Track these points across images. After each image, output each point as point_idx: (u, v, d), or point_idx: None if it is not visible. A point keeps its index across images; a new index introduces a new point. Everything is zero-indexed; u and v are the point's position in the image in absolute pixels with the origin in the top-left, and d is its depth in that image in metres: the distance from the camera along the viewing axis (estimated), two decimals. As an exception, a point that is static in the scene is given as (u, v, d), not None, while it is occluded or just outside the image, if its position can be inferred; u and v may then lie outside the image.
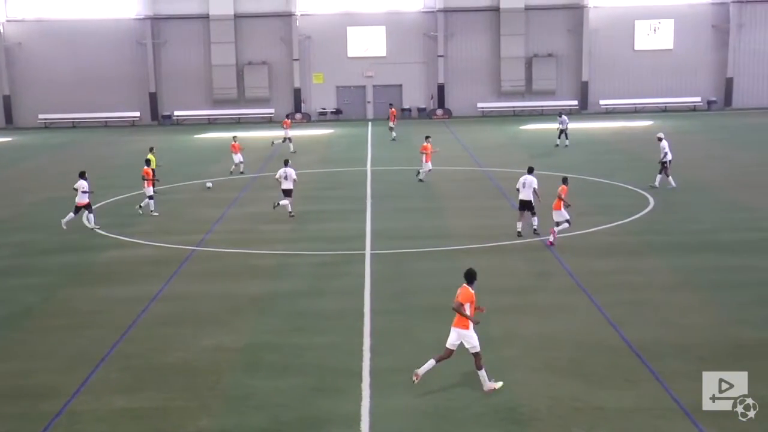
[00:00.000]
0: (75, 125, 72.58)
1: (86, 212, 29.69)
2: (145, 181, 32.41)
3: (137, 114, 72.95)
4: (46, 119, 72.90)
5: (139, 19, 72.07)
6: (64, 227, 29.47)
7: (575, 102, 72.70)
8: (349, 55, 72.76)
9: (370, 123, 69.38)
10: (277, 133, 57.51)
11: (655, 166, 36.35)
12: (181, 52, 72.38)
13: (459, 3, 72.19)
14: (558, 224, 25.80)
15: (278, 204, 31.10)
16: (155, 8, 72.22)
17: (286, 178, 30.84)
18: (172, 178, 40.72)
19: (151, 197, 32.18)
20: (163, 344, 17.61)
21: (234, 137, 43.32)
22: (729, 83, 72.58)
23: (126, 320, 19.19)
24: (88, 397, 15.14)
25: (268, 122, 71.68)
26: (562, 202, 25.81)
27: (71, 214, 29.69)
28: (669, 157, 35.66)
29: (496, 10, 71.96)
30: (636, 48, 72.95)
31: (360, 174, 40.89)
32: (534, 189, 27.12)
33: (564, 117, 51.34)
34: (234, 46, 71.62)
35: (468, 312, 15.15)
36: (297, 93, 72.68)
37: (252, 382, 15.57)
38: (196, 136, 63.05)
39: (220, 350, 17.14)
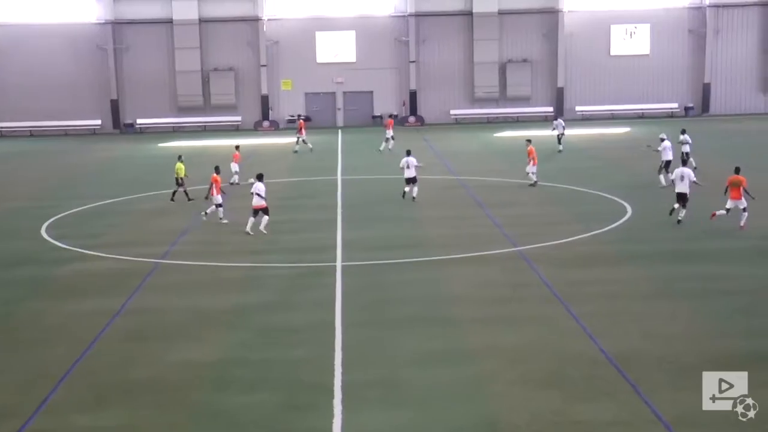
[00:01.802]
0: (32, 134, 72.05)
1: None
2: (213, 188, 31.83)
3: (98, 122, 72.58)
4: (0, 128, 72.32)
5: (100, 23, 71.78)
6: None
7: (550, 108, 73.22)
8: (318, 60, 72.88)
9: (340, 131, 69.45)
10: (247, 141, 57.50)
11: (635, 172, 36.61)
12: (143, 58, 72.15)
13: (430, 7, 72.54)
14: (744, 210, 28.21)
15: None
16: (117, 12, 71.95)
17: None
18: (136, 188, 40.50)
19: (219, 205, 31.68)
20: (129, 360, 17.49)
21: (237, 147, 43.00)
22: (706, 89, 73.45)
23: (89, 335, 19.05)
24: (49, 416, 14.99)
25: (234, 130, 71.55)
26: (742, 190, 28.32)
27: None
28: (669, 157, 36.69)
29: (468, 14, 72.38)
30: (612, 53, 73.68)
31: (331, 183, 40.91)
32: (692, 180, 29.61)
33: (559, 121, 51.72)
34: (199, 51, 71.51)
35: None
36: (264, 100, 72.65)
37: (221, 398, 15.51)
38: (160, 144, 62.81)
39: (188, 366, 17.06)
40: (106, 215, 34.58)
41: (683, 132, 41.81)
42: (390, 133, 54.52)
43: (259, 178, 30.32)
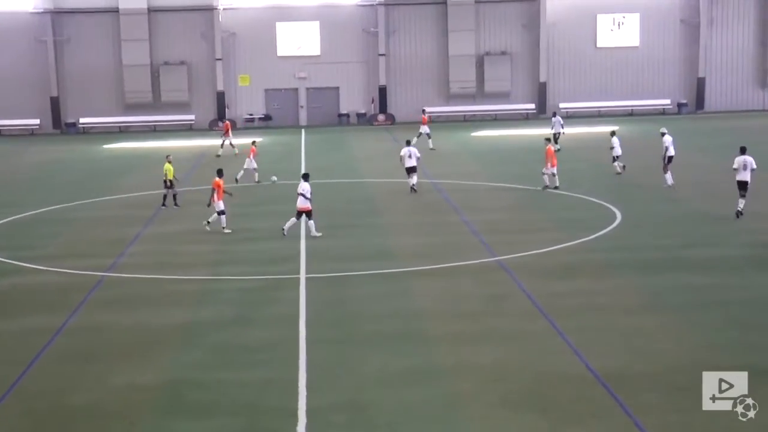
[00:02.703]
0: (-37, 134, 71.50)
1: None
2: (215, 194, 31.51)
3: (37, 121, 72.10)
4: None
5: (38, 13, 71.30)
6: None
7: (532, 105, 73.59)
8: (279, 54, 72.83)
9: (303, 130, 69.40)
10: (214, 143, 57.38)
11: (626, 174, 36.83)
12: (87, 51, 71.77)
13: (402, -5, 72.81)
14: None
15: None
16: (56, 1, 71.54)
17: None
18: (79, 194, 40.31)
19: (222, 212, 31.42)
20: (70, 383, 17.39)
21: (253, 142, 44.52)
22: (701, 84, 74.07)
23: (26, 356, 18.91)
24: (-16, 445, 14.90)
25: (188, 130, 71.32)
26: None
27: None
28: (671, 152, 37.58)
29: (443, 2, 72.66)
30: (598, 45, 74.18)
31: (293, 187, 40.84)
32: (753, 168, 30.83)
33: (558, 118, 51.99)
34: (148, 43, 71.22)
35: None
36: (220, 97, 72.47)
37: (172, 424, 15.45)
38: (105, 146, 62.50)
39: (135, 389, 16.98)
40: (46, 224, 34.36)
41: (612, 134, 43.37)
42: (426, 129, 55.03)
43: (305, 177, 30.58)
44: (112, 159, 55.40)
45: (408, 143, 40.00)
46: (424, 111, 59.72)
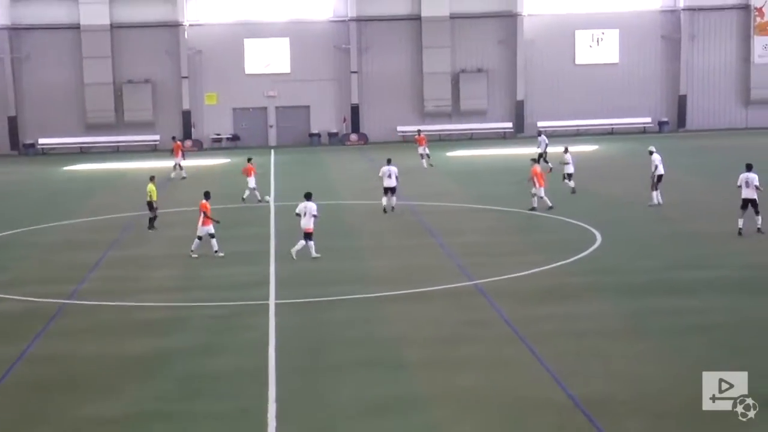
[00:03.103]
0: None
1: None
2: (203, 217, 31.27)
3: (-7, 142, 71.69)
4: None
5: (-5, 29, 71.02)
6: None
7: (509, 124, 73.95)
8: (248, 71, 72.90)
9: (273, 150, 69.38)
10: (166, 164, 57.20)
11: (606, 195, 37.02)
12: (46, 69, 71.54)
13: (374, 10, 73.03)
14: None
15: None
16: (15, 16, 71.32)
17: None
18: (39, 218, 40.11)
19: (212, 236, 31.19)
20: (29, 416, 17.27)
21: (249, 159, 44.84)
22: (682, 101, 74.68)
23: (-16, 388, 18.79)
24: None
25: (152, 150, 71.15)
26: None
27: None
28: (660, 171, 38.17)
29: (417, 18, 72.97)
30: (577, 62, 74.71)
31: (262, 210, 40.87)
32: (756, 186, 31.37)
33: (543, 137, 52.28)
34: (111, 61, 71.11)
35: None
36: (186, 116, 72.41)
37: (137, 457, 15.37)
38: (65, 168, 62.25)
39: (99, 422, 16.89)
40: (4, 249, 34.16)
41: (566, 150, 44.54)
42: (424, 149, 55.96)
43: (308, 197, 30.75)
44: (73, 181, 55.16)
45: (389, 162, 40.18)
46: (419, 132, 59.77)
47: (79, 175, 58.67)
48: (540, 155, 51.47)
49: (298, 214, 30.45)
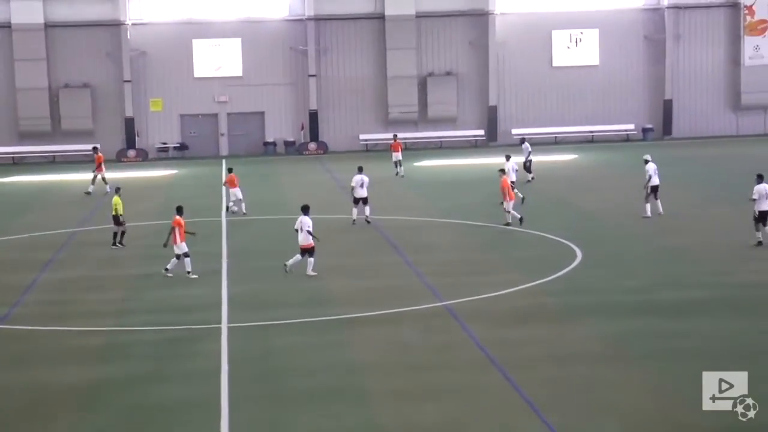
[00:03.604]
0: None
1: None
2: (175, 235, 30.90)
3: None
4: None
5: None
6: None
7: (481, 132, 74.07)
8: (196, 75, 72.61)
9: (224, 161, 69.13)
10: (122, 176, 56.84)
11: (586, 208, 37.18)
12: (-32, 71, 70.91)
13: (333, 9, 73.02)
14: None
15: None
16: (-61, 15, 70.68)
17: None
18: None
19: (186, 255, 30.89)
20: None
21: (230, 169, 45.27)
22: (668, 106, 75.08)
23: None
24: None
25: (92, 161, 70.47)
26: None
27: None
28: (655, 181, 38.76)
29: (380, 17, 73.03)
30: (554, 64, 74.93)
31: (213, 225, 40.73)
32: None
33: (526, 144, 52.36)
34: (45, 63, 70.59)
35: None
36: (129, 124, 72.00)
37: (75, 498, 15.24)
38: (-4, 180, 61.73)
39: (32, 458, 16.75)
40: (-72, 270, 33.85)
41: (508, 158, 44.95)
42: (398, 156, 56.49)
43: (305, 210, 30.86)
44: (3, 195, 54.69)
45: (360, 170, 40.59)
46: (395, 137, 59.82)
47: (10, 188, 58.17)
48: (525, 164, 51.61)
49: (296, 230, 30.63)
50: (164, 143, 72.63)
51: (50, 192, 52.88)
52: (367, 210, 39.54)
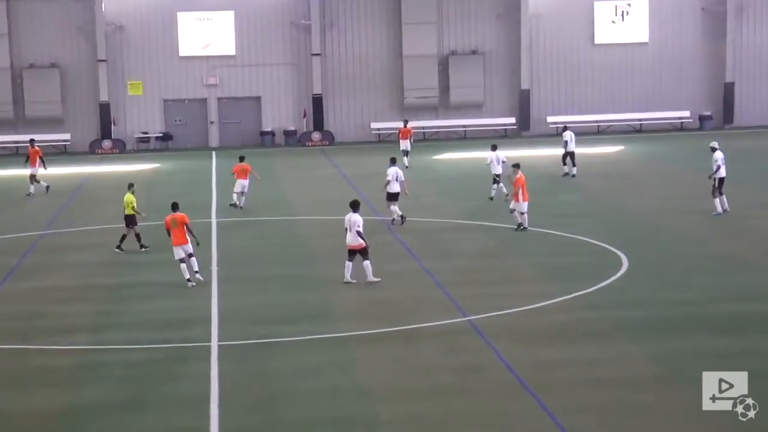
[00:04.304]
0: None
1: None
2: (179, 233, 31.40)
3: None
4: None
5: None
6: None
7: (512, 120, 73.97)
8: (182, 53, 72.69)
9: (214, 153, 69.19)
10: (79, 170, 56.96)
11: (634, 208, 37.10)
12: (-74, 51, 71.19)
13: (341, -24, 73.09)
14: None
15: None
16: None
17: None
18: None
19: (191, 255, 31.46)
20: None
21: (241, 157, 46.64)
22: (728, 90, 74.78)
23: None
24: None
25: (61, 153, 70.82)
26: None
27: None
28: (722, 173, 39.14)
29: (395, -13, 73.03)
30: (596, 41, 74.84)
31: (202, 228, 40.76)
32: None
33: (570, 132, 52.12)
34: (7, 39, 70.71)
35: None
36: (104, 110, 72.07)
37: None
38: (-50, 175, 61.91)
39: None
40: None
41: (494, 148, 46.19)
42: (407, 145, 57.63)
43: (354, 207, 31.00)
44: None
45: (393, 162, 41.20)
46: (405, 122, 60.14)
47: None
48: (565, 155, 51.56)
49: (346, 229, 30.88)
50: (145, 133, 72.72)
51: (12, 189, 52.96)
52: (396, 208, 40.01)
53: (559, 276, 31.14)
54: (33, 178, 51.40)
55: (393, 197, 39.98)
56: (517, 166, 38.97)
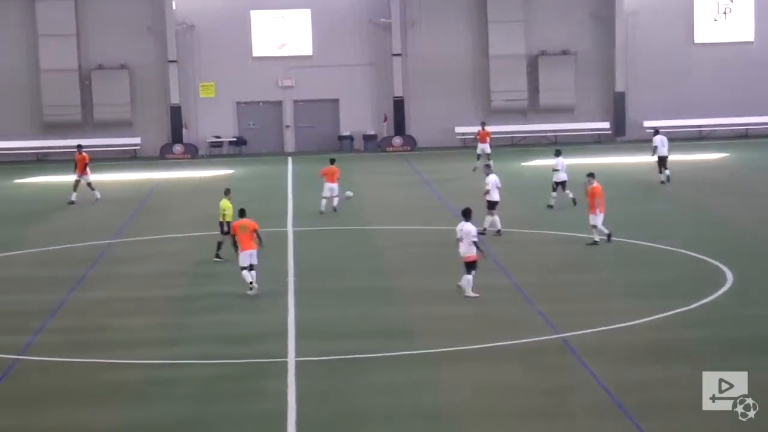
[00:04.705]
0: None
1: None
2: (246, 238, 31.83)
3: None
4: None
5: None
6: None
7: (606, 124, 73.60)
8: (256, 54, 73.08)
9: (290, 158, 69.48)
10: (149, 175, 57.38)
11: (739, 219, 36.78)
12: (-3, 51, 72.11)
13: (425, -27, 73.13)
14: None
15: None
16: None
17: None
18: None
19: (249, 268, 31.81)
20: None
21: (332, 160, 47.71)
22: None
23: None
24: None
25: (131, 158, 71.48)
26: None
27: None
28: None
29: (481, -17, 72.96)
30: (697, 41, 74.25)
31: (277, 237, 40.91)
32: None
33: (661, 137, 51.90)
34: (75, 40, 71.42)
35: None
36: (175, 113, 72.58)
37: None
38: (15, 181, 62.60)
39: None
40: (-66, 289, 34.49)
41: (558, 153, 46.83)
42: (485, 148, 58.60)
43: (466, 215, 31.19)
44: (23, 199, 55.46)
45: (488, 168, 41.83)
46: (483, 125, 60.31)
47: (31, 190, 58.99)
48: (660, 161, 51.26)
49: (458, 239, 30.81)
50: (217, 137, 73.17)
51: (79, 196, 53.42)
52: (497, 219, 39.98)
53: (656, 291, 30.87)
54: (77, 184, 51.51)
55: (493, 206, 39.79)
56: (591, 175, 38.65)
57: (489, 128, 61.18)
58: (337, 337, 27.10)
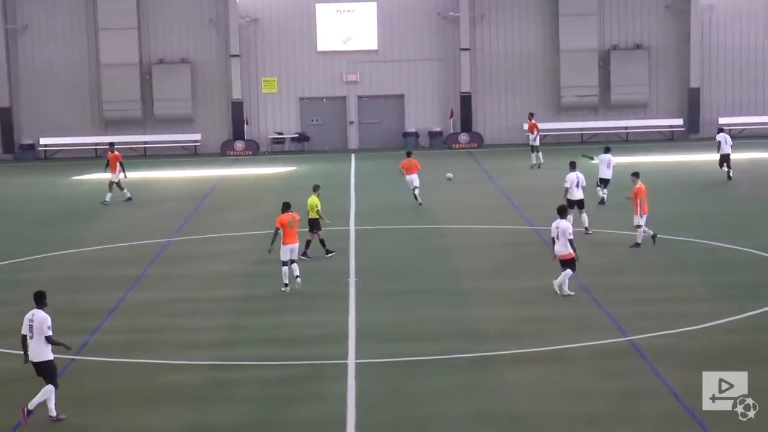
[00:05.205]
0: None
1: None
2: (287, 235, 32.42)
3: (-20, 142, 72.83)
4: None
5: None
6: None
7: (680, 121, 73.08)
8: (320, 48, 73.14)
9: (353, 155, 69.54)
10: (210, 172, 57.64)
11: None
12: (51, 44, 72.32)
13: (494, -33, 72.96)
14: None
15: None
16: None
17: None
18: (36, 246, 40.71)
19: (290, 262, 32.46)
20: None
21: (408, 153, 49.02)
22: None
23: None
24: None
25: (191, 155, 71.83)
26: None
27: None
28: None
29: (551, -24, 72.72)
30: (775, 35, 73.66)
31: (339, 236, 40.98)
32: None
33: (724, 135, 51.83)
34: (136, 34, 71.78)
35: None
36: (237, 108, 72.82)
37: None
38: (73, 177, 63.02)
39: None
40: (-9, 287, 34.81)
41: (607, 150, 47.73)
42: (535, 140, 59.65)
43: (561, 212, 31.35)
44: (83, 196, 55.69)
45: (573, 166, 41.12)
46: (531, 115, 60.42)
47: (90, 188, 59.28)
48: (722, 158, 50.98)
49: (553, 238, 31.08)
50: (279, 133, 73.33)
51: (139, 193, 53.72)
52: (585, 218, 39.85)
53: (730, 293, 30.66)
54: (112, 185, 51.48)
55: (573, 205, 39.20)
56: (636, 174, 38.45)
57: (540, 126, 61.70)
58: (399, 339, 27.11)
